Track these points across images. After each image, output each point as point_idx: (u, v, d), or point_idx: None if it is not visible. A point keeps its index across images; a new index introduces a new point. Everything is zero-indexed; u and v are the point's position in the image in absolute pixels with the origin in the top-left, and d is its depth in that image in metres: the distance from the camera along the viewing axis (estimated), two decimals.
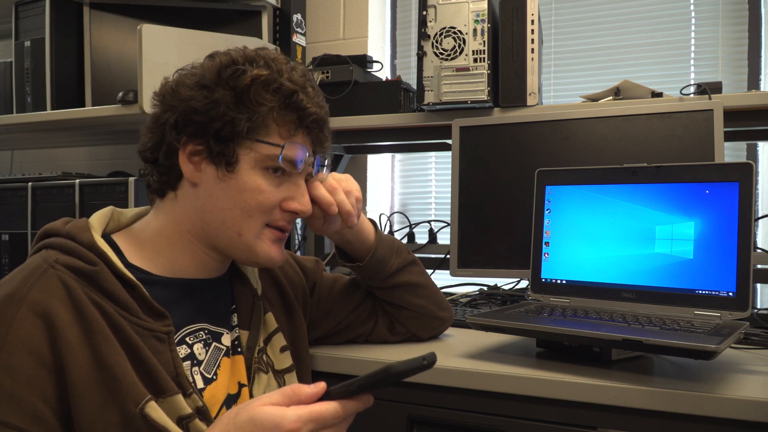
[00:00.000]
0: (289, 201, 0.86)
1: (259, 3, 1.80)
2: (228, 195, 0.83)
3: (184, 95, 0.82)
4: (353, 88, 1.71)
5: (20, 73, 1.80)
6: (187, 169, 0.83)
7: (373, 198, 2.14)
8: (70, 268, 0.75)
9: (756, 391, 0.83)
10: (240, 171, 0.82)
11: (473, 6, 1.52)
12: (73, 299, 0.72)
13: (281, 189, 0.85)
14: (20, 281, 0.72)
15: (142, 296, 0.78)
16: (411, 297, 1.08)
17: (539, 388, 0.91)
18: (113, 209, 0.88)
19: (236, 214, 0.83)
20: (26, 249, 1.65)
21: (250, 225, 0.84)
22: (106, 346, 0.72)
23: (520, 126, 1.45)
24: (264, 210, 0.84)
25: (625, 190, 1.12)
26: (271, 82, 0.82)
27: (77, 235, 0.78)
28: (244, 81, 0.81)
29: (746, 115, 1.46)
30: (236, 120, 0.81)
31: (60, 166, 2.47)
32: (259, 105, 0.82)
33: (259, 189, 0.83)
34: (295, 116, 0.84)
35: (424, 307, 1.09)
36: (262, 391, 0.90)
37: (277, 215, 0.86)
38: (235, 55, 0.84)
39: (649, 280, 1.07)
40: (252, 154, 0.82)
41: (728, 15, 1.85)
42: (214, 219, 0.84)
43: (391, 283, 1.06)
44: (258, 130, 0.82)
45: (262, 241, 0.85)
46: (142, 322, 0.76)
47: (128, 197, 1.49)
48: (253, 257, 0.86)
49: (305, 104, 0.84)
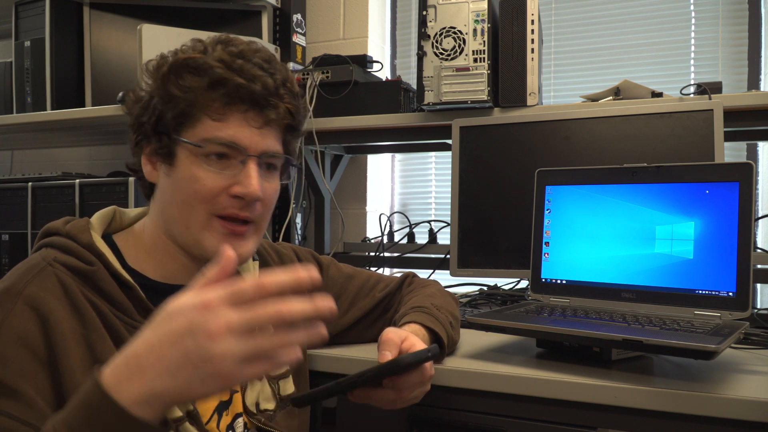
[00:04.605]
0: (234, 185, 0.79)
1: (259, 3, 1.80)
2: (174, 189, 0.81)
3: (135, 98, 0.83)
4: (353, 88, 1.71)
5: (20, 73, 1.80)
6: (146, 170, 0.84)
7: (373, 198, 2.14)
8: (67, 266, 0.75)
9: (756, 391, 0.83)
10: (179, 164, 0.80)
11: (473, 6, 1.52)
12: (69, 297, 0.72)
13: (224, 174, 0.79)
14: (18, 276, 0.73)
15: (138, 298, 0.78)
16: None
17: (539, 388, 0.91)
18: (116, 209, 0.88)
19: (181, 206, 0.80)
20: (26, 249, 1.65)
21: (194, 216, 0.80)
22: (101, 344, 0.72)
23: (520, 126, 1.45)
24: (203, 199, 0.79)
25: (625, 190, 1.12)
26: (191, 63, 0.79)
27: (76, 235, 0.79)
28: (164, 68, 0.80)
29: (746, 115, 1.46)
30: (164, 111, 0.79)
31: (60, 166, 2.47)
32: (184, 90, 0.78)
33: (194, 178, 0.79)
34: (222, 92, 0.78)
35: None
36: (255, 397, 0.89)
37: (223, 203, 0.80)
38: (174, 49, 0.82)
39: (649, 280, 1.07)
40: (186, 144, 0.80)
41: (728, 15, 1.85)
42: (168, 216, 0.82)
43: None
44: (183, 119, 0.79)
45: (210, 233, 0.80)
46: (136, 324, 0.76)
47: (128, 197, 1.49)
48: (201, 251, 0.81)
49: (229, 77, 0.78)
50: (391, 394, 0.84)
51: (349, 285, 1.08)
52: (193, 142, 0.79)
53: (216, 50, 0.80)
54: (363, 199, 2.11)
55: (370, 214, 2.12)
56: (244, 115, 0.80)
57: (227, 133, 0.79)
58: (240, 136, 0.79)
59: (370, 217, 2.12)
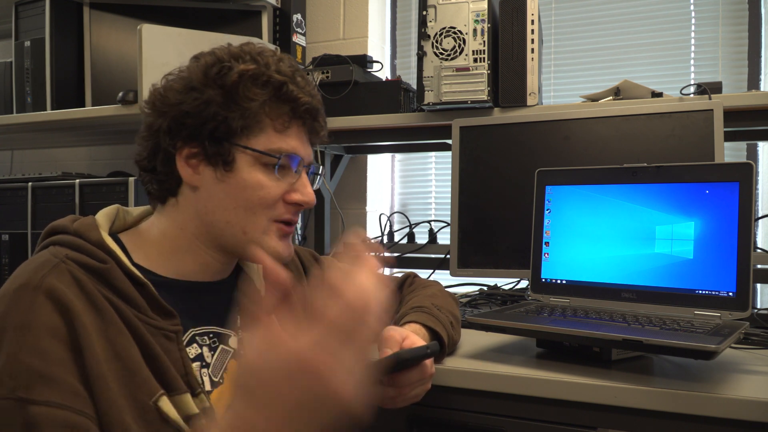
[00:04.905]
0: (292, 193, 0.85)
1: (259, 3, 1.80)
2: (229, 195, 0.82)
3: (174, 100, 0.82)
4: (353, 88, 1.71)
5: (20, 73, 1.80)
6: (186, 173, 0.83)
7: (373, 198, 2.14)
8: (80, 264, 0.74)
9: (756, 391, 0.83)
10: (238, 169, 0.82)
11: (473, 6, 1.52)
12: (85, 293, 0.72)
13: (282, 182, 0.84)
14: (32, 271, 0.72)
15: (151, 295, 0.78)
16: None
17: (539, 388, 0.91)
18: (119, 208, 0.88)
19: (239, 212, 0.83)
20: (26, 249, 1.65)
21: (255, 222, 0.83)
22: (121, 338, 0.72)
23: (520, 126, 1.45)
24: (267, 205, 0.83)
25: (625, 190, 1.12)
26: (259, 76, 0.81)
27: (85, 233, 0.78)
28: (232, 78, 0.80)
29: (746, 115, 1.46)
30: (229, 119, 0.80)
31: (60, 166, 2.47)
32: (250, 100, 0.81)
33: (260, 185, 0.82)
34: (288, 108, 0.83)
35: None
36: None
37: (281, 209, 0.84)
38: (220, 53, 0.83)
39: (649, 280, 1.07)
40: (249, 152, 0.82)
41: (728, 15, 1.85)
42: (217, 220, 0.83)
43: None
44: (251, 126, 0.82)
45: (269, 237, 0.84)
46: (151, 321, 0.76)
47: (128, 197, 1.49)
48: (257, 254, 0.83)
49: (296, 94, 0.83)
50: (391, 391, 0.85)
51: None
52: (262, 150, 0.82)
53: (276, 64, 0.84)
54: (363, 199, 2.11)
55: (370, 214, 2.12)
56: (302, 129, 0.86)
57: (290, 145, 0.84)
58: (299, 147, 0.85)
59: (370, 217, 2.12)
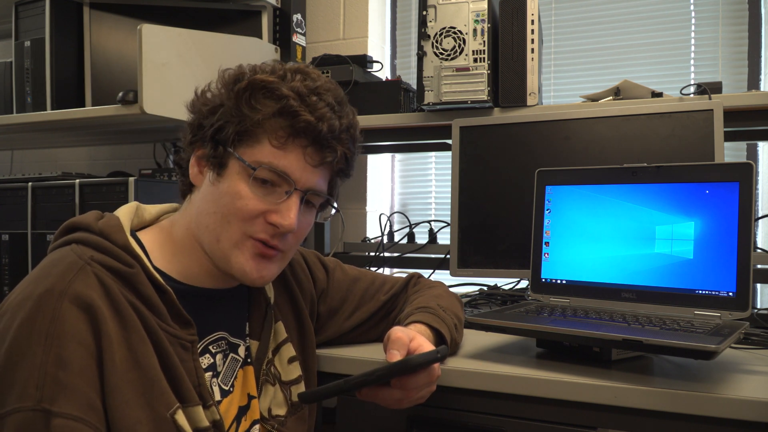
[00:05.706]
0: (272, 213, 0.80)
1: (259, 3, 1.80)
2: (213, 199, 0.82)
3: (203, 100, 0.84)
4: (353, 88, 1.71)
5: (20, 73, 1.80)
6: (192, 172, 0.84)
7: (373, 198, 2.14)
8: (106, 267, 0.73)
9: (756, 391, 0.83)
10: (227, 176, 0.81)
11: (473, 6, 1.52)
12: (111, 298, 0.71)
13: (266, 200, 0.80)
14: (58, 276, 0.70)
15: (171, 302, 0.77)
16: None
17: (539, 388, 0.91)
18: (138, 205, 0.88)
19: (217, 218, 0.81)
20: (26, 249, 1.65)
21: (229, 232, 0.80)
22: (143, 347, 0.71)
23: (520, 126, 1.45)
24: (242, 218, 0.80)
25: (625, 190, 1.12)
26: (268, 88, 0.80)
27: (111, 235, 0.77)
28: (241, 85, 0.81)
29: (746, 115, 1.46)
30: (226, 125, 0.81)
31: (60, 166, 2.47)
32: (252, 110, 0.80)
33: (238, 194, 0.80)
34: (287, 123, 0.80)
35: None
36: (268, 403, 0.89)
37: (258, 226, 0.81)
38: (253, 65, 0.84)
39: (649, 280, 1.07)
40: (239, 161, 0.81)
41: (728, 15, 1.85)
42: (201, 222, 0.83)
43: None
44: (244, 137, 0.80)
45: (240, 251, 0.81)
46: (170, 329, 0.75)
47: (128, 197, 1.49)
48: (227, 267, 0.82)
49: (297, 111, 0.79)
50: (398, 393, 0.84)
51: (355, 288, 1.08)
52: (248, 162, 0.80)
53: (295, 80, 0.82)
54: (363, 199, 2.11)
55: (370, 214, 2.12)
56: (303, 150, 0.81)
57: (283, 163, 0.80)
58: (294, 168, 0.81)
59: (370, 217, 2.12)
